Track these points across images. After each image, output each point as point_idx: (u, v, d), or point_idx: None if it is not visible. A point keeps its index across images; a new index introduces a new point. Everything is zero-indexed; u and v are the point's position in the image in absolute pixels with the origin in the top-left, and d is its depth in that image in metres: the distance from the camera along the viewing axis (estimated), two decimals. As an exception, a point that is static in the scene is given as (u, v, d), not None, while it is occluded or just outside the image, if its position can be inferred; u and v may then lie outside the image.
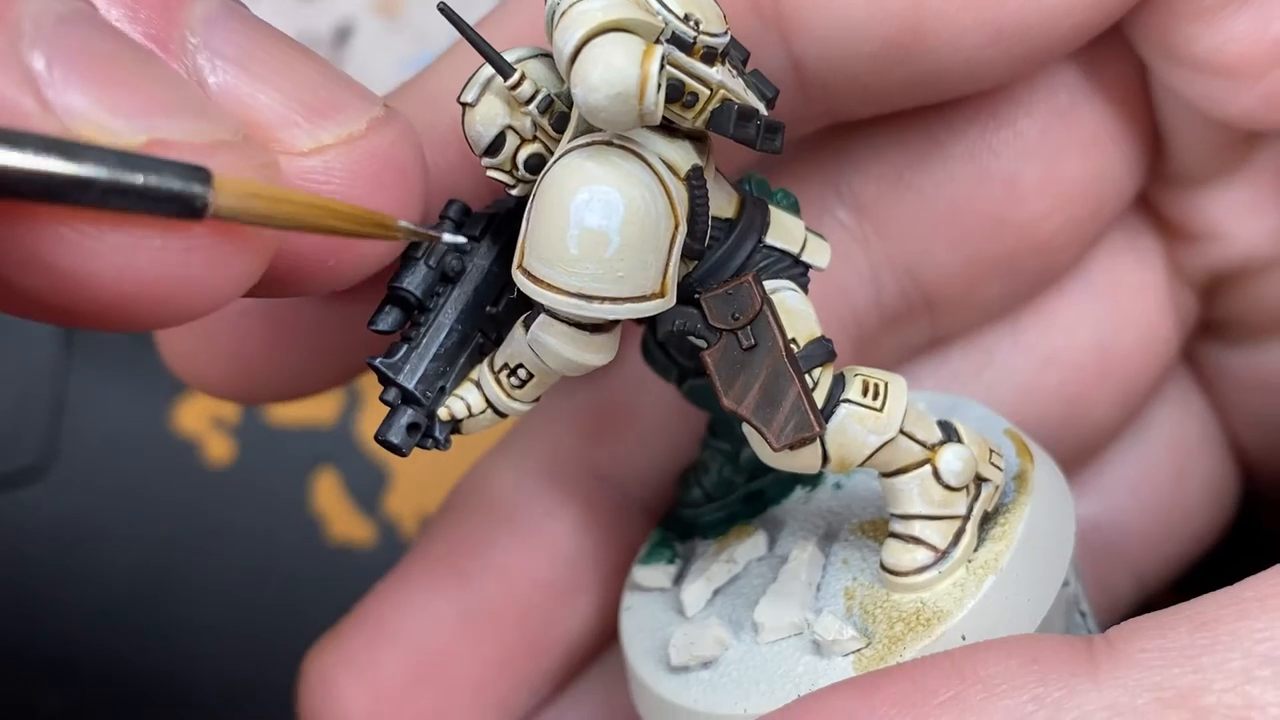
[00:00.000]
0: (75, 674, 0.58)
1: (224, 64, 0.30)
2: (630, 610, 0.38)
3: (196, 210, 0.27)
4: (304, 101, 0.31)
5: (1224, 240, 0.43)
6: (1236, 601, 0.29)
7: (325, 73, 0.32)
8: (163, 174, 0.27)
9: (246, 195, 0.28)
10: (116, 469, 0.60)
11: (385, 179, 0.32)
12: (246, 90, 0.30)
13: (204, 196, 0.27)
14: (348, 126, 0.31)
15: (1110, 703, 0.28)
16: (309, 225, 0.30)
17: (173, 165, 0.27)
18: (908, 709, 0.29)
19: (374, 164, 0.31)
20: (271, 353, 0.38)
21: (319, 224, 0.30)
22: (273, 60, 0.31)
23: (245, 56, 0.30)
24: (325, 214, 0.30)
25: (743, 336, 0.32)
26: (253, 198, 0.28)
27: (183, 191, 0.27)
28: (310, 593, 0.59)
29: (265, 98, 0.30)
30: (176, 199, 0.27)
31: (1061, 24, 0.37)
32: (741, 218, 0.34)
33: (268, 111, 0.30)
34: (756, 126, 0.31)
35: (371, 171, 0.31)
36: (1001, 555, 0.34)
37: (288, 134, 0.30)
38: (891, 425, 0.33)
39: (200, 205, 0.27)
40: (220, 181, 0.27)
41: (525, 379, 0.33)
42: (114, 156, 0.26)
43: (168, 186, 0.27)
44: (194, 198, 0.27)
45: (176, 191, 0.27)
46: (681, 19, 0.30)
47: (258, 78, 0.30)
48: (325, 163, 0.31)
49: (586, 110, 0.29)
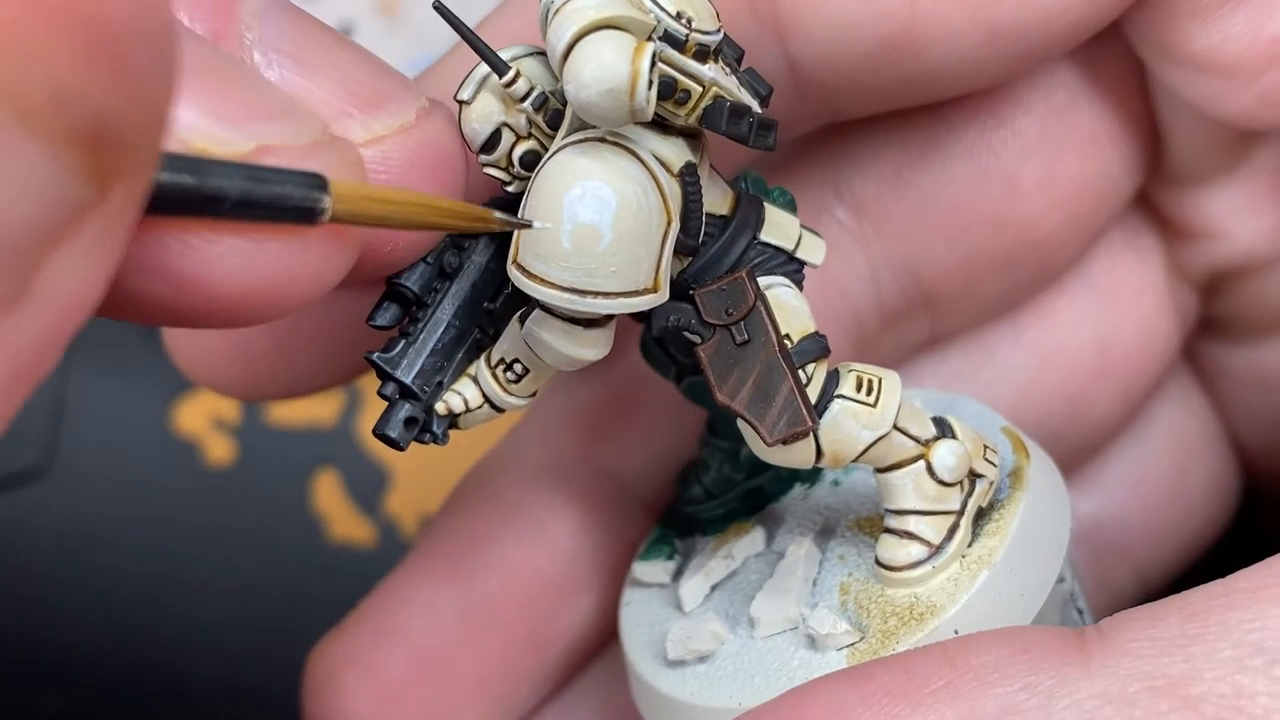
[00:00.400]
0: (75, 674, 0.58)
1: (279, 58, 0.30)
2: (629, 606, 0.39)
3: (316, 216, 0.28)
4: (357, 93, 0.31)
5: (1223, 238, 0.43)
6: (1227, 593, 0.29)
7: (373, 64, 0.32)
8: (285, 185, 0.27)
9: (360, 199, 0.29)
10: (116, 469, 0.60)
11: (437, 167, 0.32)
12: (302, 84, 0.30)
13: (323, 203, 0.28)
14: (399, 117, 0.32)
15: (1101, 691, 0.29)
16: (414, 223, 0.31)
17: (294, 175, 0.28)
18: (899, 698, 0.29)
19: (427, 152, 0.32)
20: (276, 349, 0.38)
21: (423, 221, 0.31)
22: (324, 52, 0.31)
23: (299, 50, 0.31)
24: (429, 211, 0.31)
25: (736, 332, 0.33)
26: (365, 200, 0.29)
27: (304, 199, 0.28)
28: (310, 593, 0.59)
29: (321, 91, 0.30)
30: (298, 208, 0.28)
31: (1057, 23, 0.37)
32: (736, 214, 0.34)
33: (323, 104, 0.31)
34: (749, 124, 0.32)
35: (424, 160, 0.32)
36: (995, 550, 0.34)
37: (343, 126, 0.31)
38: (885, 421, 0.33)
39: (320, 211, 0.28)
40: (336, 187, 0.28)
41: (521, 374, 0.33)
42: (241, 171, 0.27)
43: (290, 196, 0.28)
44: (315, 204, 0.28)
45: (298, 200, 0.28)
46: (674, 16, 0.31)
47: (313, 70, 0.31)
48: (382, 153, 0.31)
49: (579, 107, 0.29)
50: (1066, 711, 0.29)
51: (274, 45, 0.30)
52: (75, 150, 0.22)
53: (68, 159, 0.22)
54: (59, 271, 0.22)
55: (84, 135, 0.22)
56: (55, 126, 0.22)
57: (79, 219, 0.22)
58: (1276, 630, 0.29)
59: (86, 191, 0.22)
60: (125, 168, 0.23)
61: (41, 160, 0.22)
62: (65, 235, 0.22)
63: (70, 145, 0.22)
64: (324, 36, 0.31)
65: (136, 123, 0.23)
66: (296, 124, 0.29)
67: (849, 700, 0.30)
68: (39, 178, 0.22)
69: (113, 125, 0.22)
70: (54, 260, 0.22)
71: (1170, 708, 0.28)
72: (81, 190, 0.22)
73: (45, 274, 0.22)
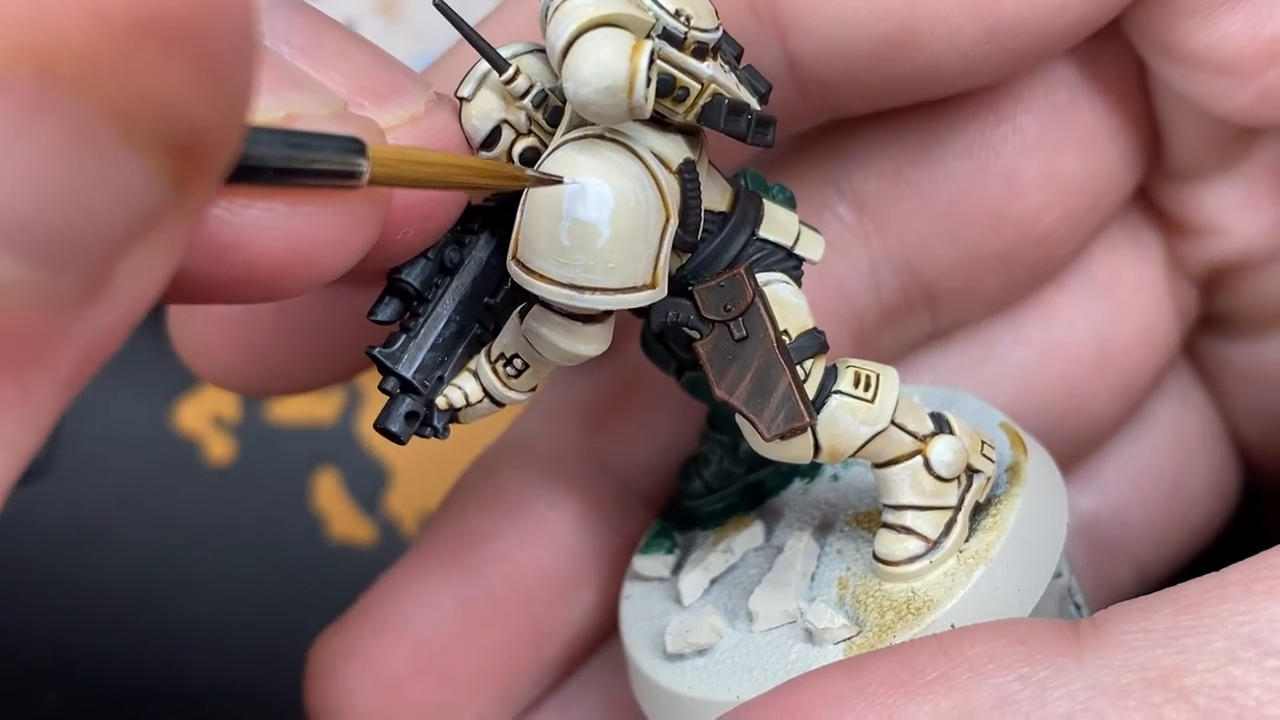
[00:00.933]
0: (75, 674, 0.58)
1: (290, 51, 0.30)
2: (629, 599, 0.39)
3: (356, 179, 0.28)
4: (368, 85, 0.31)
5: (1222, 234, 0.43)
6: (1221, 585, 0.30)
7: (381, 57, 0.32)
8: (325, 150, 0.28)
9: (397, 161, 0.29)
10: (117, 469, 0.60)
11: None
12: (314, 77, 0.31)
13: (362, 166, 0.28)
14: (409, 108, 0.32)
15: (1095, 682, 0.29)
16: (450, 183, 0.31)
17: (333, 139, 0.28)
18: (895, 688, 0.29)
19: (436, 142, 0.32)
20: (280, 344, 0.39)
21: (458, 180, 0.31)
22: (334, 45, 0.31)
23: (309, 43, 0.31)
24: (463, 171, 0.31)
25: (735, 328, 0.33)
26: (402, 163, 0.29)
27: (344, 163, 0.28)
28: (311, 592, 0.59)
29: (332, 84, 0.31)
30: (339, 171, 0.28)
31: (1058, 20, 0.37)
32: (735, 211, 0.34)
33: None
34: (748, 121, 0.32)
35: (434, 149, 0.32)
36: (992, 545, 0.34)
37: None
38: (883, 416, 0.33)
39: (359, 173, 0.28)
40: (374, 150, 0.28)
41: (521, 369, 0.33)
42: (281, 137, 0.27)
43: (331, 160, 0.28)
44: (354, 168, 0.28)
45: (338, 164, 0.28)
46: (672, 14, 0.31)
47: (325, 63, 0.31)
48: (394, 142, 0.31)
49: (577, 104, 0.30)
50: (1060, 702, 0.29)
51: (285, 39, 0.30)
52: (166, 157, 0.22)
53: (160, 166, 0.22)
54: (136, 265, 0.23)
55: (177, 145, 0.22)
56: (153, 138, 0.22)
57: (159, 218, 0.23)
58: (1269, 622, 0.29)
59: (171, 194, 0.23)
60: (206, 171, 0.23)
61: (134, 167, 0.22)
62: (146, 233, 0.23)
63: (165, 155, 0.22)
64: (333, 31, 0.32)
65: (223, 130, 0.23)
66: (319, 95, 0.29)
67: (845, 691, 0.30)
68: (132, 184, 0.22)
69: (204, 135, 0.23)
70: (131, 257, 0.23)
71: (1163, 699, 0.28)
72: (166, 193, 0.23)
73: (122, 269, 0.23)
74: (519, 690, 0.42)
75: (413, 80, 0.32)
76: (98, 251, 0.22)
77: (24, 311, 0.22)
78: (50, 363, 0.22)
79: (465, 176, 0.31)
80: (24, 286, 0.21)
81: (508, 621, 0.41)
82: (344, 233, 0.29)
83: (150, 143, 0.22)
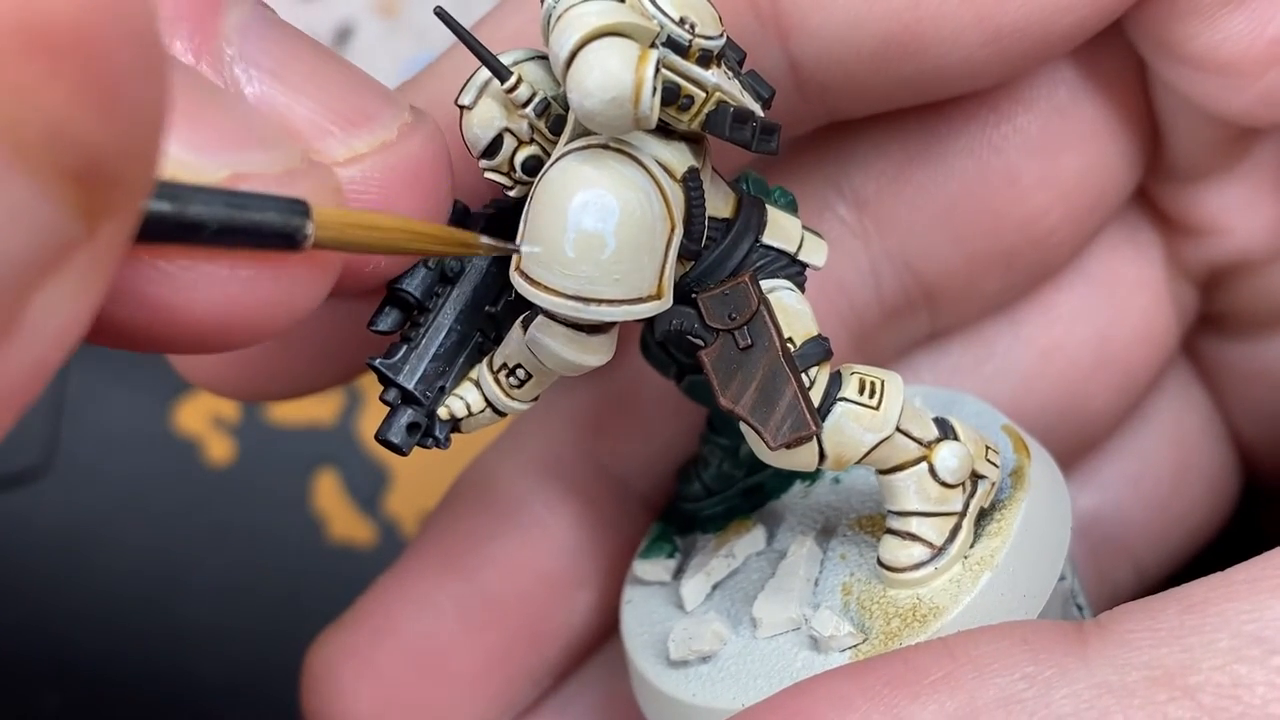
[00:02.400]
0: (75, 674, 0.58)
1: (259, 74, 0.30)
2: (631, 604, 0.39)
3: (298, 243, 0.28)
4: (338, 110, 0.31)
5: (1223, 234, 0.43)
6: (1226, 584, 0.30)
7: (354, 78, 0.32)
8: (266, 211, 0.27)
9: (343, 225, 0.29)
10: (116, 469, 0.60)
11: (418, 183, 0.32)
12: (282, 101, 0.30)
13: (305, 229, 0.28)
14: (380, 134, 0.31)
15: (1100, 681, 0.29)
16: (398, 248, 0.31)
17: (275, 201, 0.27)
18: (900, 688, 0.30)
19: (408, 169, 0.32)
20: (274, 351, 0.38)
21: (406, 246, 0.31)
22: (305, 68, 0.31)
23: (279, 66, 0.30)
24: (412, 237, 0.31)
25: (739, 336, 0.33)
26: (349, 227, 0.29)
27: (285, 226, 0.27)
28: (310, 593, 0.59)
29: (301, 108, 0.30)
30: (280, 234, 0.27)
31: (1060, 22, 0.37)
32: (738, 218, 0.34)
33: (303, 122, 0.30)
34: (752, 128, 0.32)
35: (405, 177, 0.32)
36: (997, 551, 0.34)
37: (324, 144, 0.31)
38: (888, 423, 0.33)
39: (301, 238, 0.28)
40: (319, 214, 0.28)
41: (524, 379, 0.33)
42: (221, 198, 0.27)
43: (272, 222, 0.27)
44: (296, 231, 0.27)
45: (279, 226, 0.27)
46: (677, 22, 0.31)
47: (292, 87, 0.30)
48: (362, 172, 0.31)
49: (582, 115, 0.29)
50: (1065, 701, 0.29)
51: (255, 61, 0.30)
52: (67, 186, 0.22)
53: (59, 194, 0.22)
54: (47, 305, 0.22)
55: (76, 171, 0.22)
56: (48, 162, 0.21)
57: (68, 253, 0.22)
58: (1274, 621, 0.29)
59: (76, 227, 0.22)
60: (115, 203, 0.23)
61: (32, 195, 0.21)
62: (54, 269, 0.22)
63: (62, 181, 0.22)
64: (306, 52, 0.31)
65: (128, 159, 0.23)
66: (272, 152, 0.29)
67: (850, 692, 0.30)
68: (29, 213, 0.21)
69: (105, 161, 0.22)
70: (42, 294, 0.22)
71: (1169, 697, 0.28)
72: (71, 225, 0.22)
73: (34, 307, 0.22)
74: (517, 692, 0.42)
75: (387, 103, 0.32)
76: (3, 287, 0.22)
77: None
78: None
79: (415, 243, 0.31)
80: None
81: (506, 623, 0.41)
82: (285, 295, 0.29)
83: (47, 169, 0.21)
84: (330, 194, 0.30)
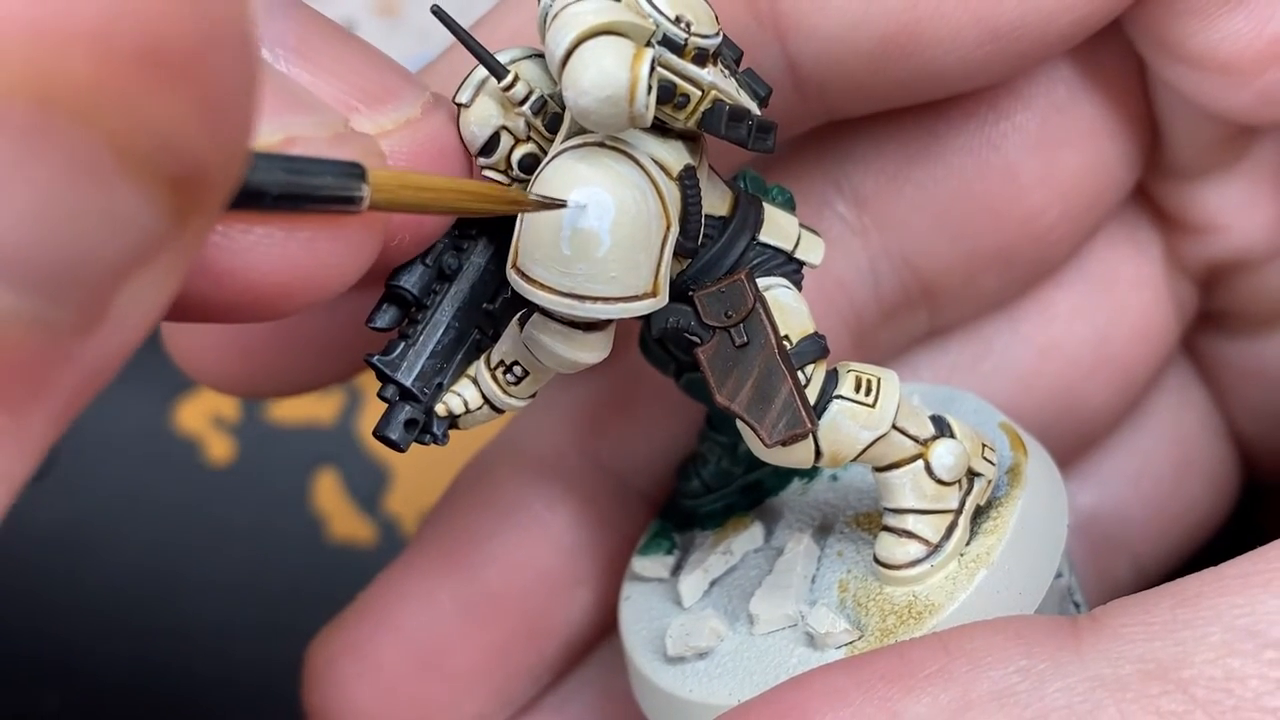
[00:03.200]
0: (75, 674, 0.58)
1: (286, 54, 0.30)
2: (629, 600, 0.39)
3: (355, 205, 0.28)
4: (363, 89, 0.31)
5: (1222, 232, 0.43)
6: (1218, 579, 0.30)
7: (377, 59, 0.32)
8: (325, 175, 0.27)
9: (397, 187, 0.29)
10: (116, 469, 0.60)
11: (442, 160, 0.32)
12: (310, 80, 0.30)
13: (361, 191, 0.28)
14: (405, 111, 0.32)
15: (1094, 675, 0.29)
16: (449, 208, 0.31)
17: (332, 164, 0.28)
18: (894, 681, 0.30)
19: (432, 146, 0.32)
20: (275, 347, 0.39)
21: (458, 205, 0.31)
22: (329, 48, 0.31)
23: (305, 46, 0.31)
24: (463, 196, 0.31)
25: (735, 334, 0.33)
26: (402, 188, 0.29)
27: (343, 189, 0.28)
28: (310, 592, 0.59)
29: (327, 87, 0.30)
30: (338, 197, 0.28)
31: (1059, 21, 0.37)
32: (735, 215, 0.34)
33: (330, 100, 0.31)
34: (748, 127, 0.32)
35: (430, 154, 0.32)
36: (993, 549, 0.34)
37: (351, 120, 0.31)
38: (884, 421, 0.33)
39: (359, 199, 0.28)
40: (374, 175, 0.28)
41: (521, 376, 0.33)
42: (279, 163, 0.27)
43: (330, 186, 0.27)
44: (354, 194, 0.28)
45: (338, 189, 0.28)
46: (673, 21, 0.31)
47: (318, 66, 0.31)
48: (389, 147, 0.31)
49: (577, 113, 0.29)
50: (1059, 694, 0.29)
51: (280, 42, 0.30)
52: (166, 190, 0.22)
53: (158, 197, 0.22)
54: (133, 295, 0.23)
55: (178, 177, 0.22)
56: (152, 169, 0.22)
57: (158, 249, 0.23)
58: (1266, 615, 0.29)
59: (169, 225, 0.23)
60: (206, 202, 0.23)
61: (134, 199, 0.22)
62: (145, 264, 0.23)
63: (162, 185, 0.22)
64: (329, 33, 0.31)
65: (224, 163, 0.23)
66: (319, 115, 0.29)
67: (844, 685, 0.30)
68: (129, 215, 0.22)
69: (204, 168, 0.23)
70: (129, 286, 0.23)
71: (1162, 690, 0.28)
72: (165, 224, 0.23)
73: (121, 298, 0.23)
74: (517, 688, 0.42)
75: (409, 83, 0.32)
76: (96, 283, 0.22)
77: (19, 343, 0.21)
78: (44, 393, 0.22)
79: (465, 201, 0.31)
80: (20, 318, 0.21)
81: (505, 620, 0.41)
82: (341, 256, 0.29)
83: (151, 175, 0.22)
84: (375, 158, 0.30)
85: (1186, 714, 0.28)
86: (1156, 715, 0.28)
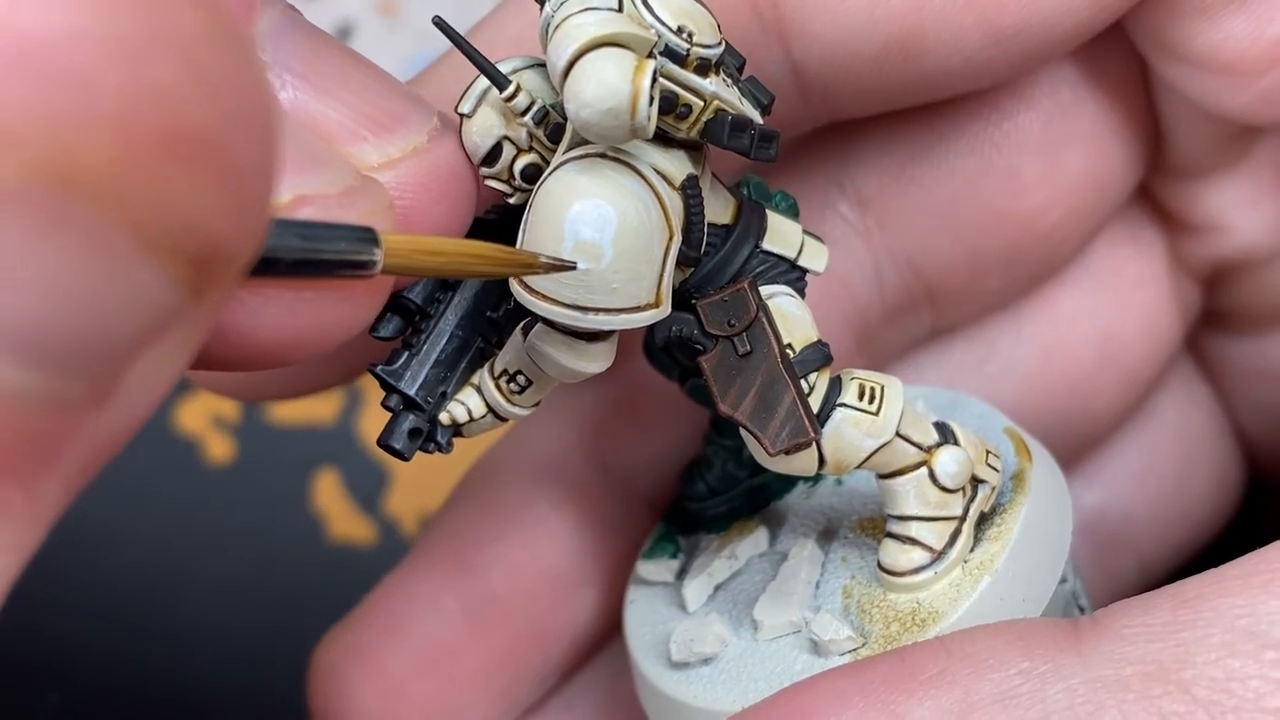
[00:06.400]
0: (75, 674, 0.58)
1: (292, 79, 0.30)
2: (634, 604, 0.39)
3: (369, 270, 0.28)
4: (369, 115, 0.31)
5: (1225, 232, 0.43)
6: (1219, 580, 0.30)
7: (384, 82, 0.32)
8: (338, 241, 0.27)
9: (409, 251, 0.29)
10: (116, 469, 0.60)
11: (449, 189, 0.32)
12: (316, 106, 0.30)
13: (375, 257, 0.28)
14: (412, 139, 0.31)
15: (1095, 676, 0.29)
16: (460, 271, 0.31)
17: (345, 230, 0.27)
18: (896, 684, 0.30)
19: (440, 175, 0.32)
20: None
21: (469, 269, 0.31)
22: (336, 72, 0.31)
23: (311, 70, 0.30)
24: (474, 260, 0.31)
25: (739, 343, 0.32)
26: (415, 253, 0.29)
27: (357, 255, 0.27)
28: (310, 592, 0.59)
29: (334, 113, 0.30)
30: (351, 263, 0.27)
31: (1062, 23, 0.37)
32: (738, 224, 0.34)
33: (337, 127, 0.30)
34: (750, 136, 0.31)
35: (438, 183, 0.32)
36: (997, 556, 0.34)
37: (357, 149, 0.30)
38: (888, 429, 0.33)
39: (372, 264, 0.28)
40: (387, 241, 0.28)
41: (525, 385, 0.33)
42: (293, 230, 0.27)
43: (344, 253, 0.27)
44: (367, 259, 0.28)
45: (351, 255, 0.27)
46: (674, 31, 0.30)
47: (324, 92, 0.30)
48: (396, 177, 0.31)
49: (579, 125, 0.29)
50: (1060, 696, 0.29)
51: (287, 66, 0.30)
52: (184, 267, 0.22)
53: (178, 275, 0.22)
54: (145, 369, 0.23)
55: (195, 255, 0.22)
56: (171, 249, 0.22)
57: (173, 324, 0.23)
58: (1267, 616, 0.29)
59: (185, 300, 0.23)
60: (222, 277, 0.23)
61: (152, 277, 0.22)
62: (158, 339, 0.23)
63: (180, 263, 0.22)
64: (337, 56, 0.31)
65: (242, 241, 0.23)
66: (329, 171, 0.29)
67: (847, 689, 0.30)
68: (146, 292, 0.22)
69: (223, 247, 0.23)
70: (143, 359, 0.23)
71: (1163, 691, 0.29)
72: (181, 300, 0.23)
73: (134, 372, 0.23)
74: (522, 691, 0.42)
75: (416, 107, 0.32)
76: (109, 358, 0.22)
77: (32, 417, 0.21)
78: (55, 466, 0.22)
79: (476, 265, 0.31)
80: (33, 393, 0.21)
81: (511, 623, 0.41)
82: (348, 314, 0.29)
83: (170, 254, 0.22)
84: (385, 210, 0.30)
85: (1188, 714, 0.28)
86: (1158, 716, 0.28)
